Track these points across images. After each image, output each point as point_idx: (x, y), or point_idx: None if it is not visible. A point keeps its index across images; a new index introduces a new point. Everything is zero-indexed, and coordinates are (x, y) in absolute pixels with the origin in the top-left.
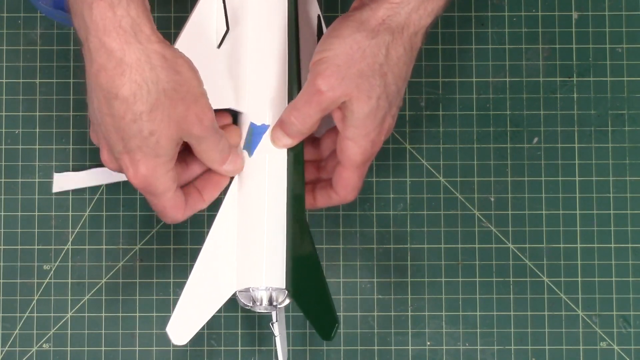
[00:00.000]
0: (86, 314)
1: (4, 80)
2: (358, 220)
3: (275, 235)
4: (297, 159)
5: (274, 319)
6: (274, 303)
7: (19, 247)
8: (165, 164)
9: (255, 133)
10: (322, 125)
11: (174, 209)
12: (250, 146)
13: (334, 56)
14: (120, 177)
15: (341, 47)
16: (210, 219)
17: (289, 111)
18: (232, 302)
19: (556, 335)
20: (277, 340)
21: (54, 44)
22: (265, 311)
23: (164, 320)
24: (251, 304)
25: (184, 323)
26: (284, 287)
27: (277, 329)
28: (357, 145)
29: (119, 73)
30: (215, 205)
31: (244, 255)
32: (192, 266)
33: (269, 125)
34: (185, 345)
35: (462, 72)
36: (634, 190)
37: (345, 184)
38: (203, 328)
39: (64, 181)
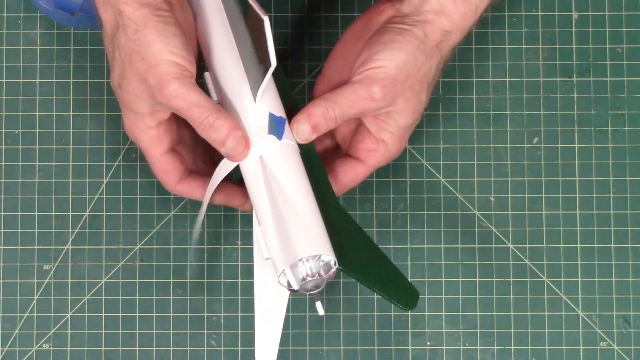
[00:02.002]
0: (86, 314)
1: (4, 80)
2: (358, 220)
3: (313, 211)
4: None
5: (317, 299)
6: (323, 275)
7: (19, 247)
8: (141, 120)
9: (277, 122)
10: None
11: (162, 172)
12: (277, 132)
13: (393, 68)
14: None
15: (403, 63)
16: (211, 219)
17: (326, 104)
18: (233, 302)
19: (556, 335)
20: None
21: (54, 44)
22: (314, 289)
23: (164, 320)
24: (300, 283)
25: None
26: (331, 254)
27: (322, 309)
28: (389, 150)
29: (102, 30)
30: (219, 206)
31: (284, 235)
32: (191, 266)
33: (285, 119)
34: (185, 345)
35: (462, 72)
36: (634, 190)
37: (353, 178)
38: (203, 327)
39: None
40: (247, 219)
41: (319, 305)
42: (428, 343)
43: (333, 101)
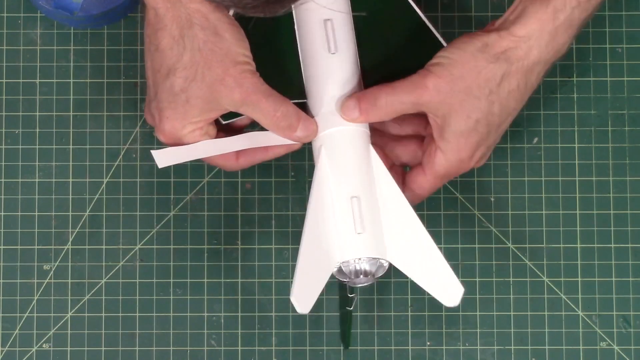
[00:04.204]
0: (86, 314)
1: (4, 80)
2: None
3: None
4: None
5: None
6: (375, 274)
7: (19, 247)
8: (191, 124)
9: None
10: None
11: (219, 158)
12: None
13: (450, 64)
14: (221, 150)
15: (460, 59)
16: (210, 218)
17: (381, 89)
18: (233, 302)
19: (556, 335)
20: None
21: (54, 44)
22: (362, 284)
23: (164, 320)
24: (350, 278)
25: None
26: (385, 257)
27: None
28: (445, 158)
29: (160, 27)
30: (218, 206)
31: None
32: (191, 266)
33: None
34: (185, 345)
35: None
36: (634, 190)
37: (415, 187)
38: (203, 327)
39: (166, 157)
40: (247, 219)
41: (353, 297)
42: (428, 343)
43: (390, 88)
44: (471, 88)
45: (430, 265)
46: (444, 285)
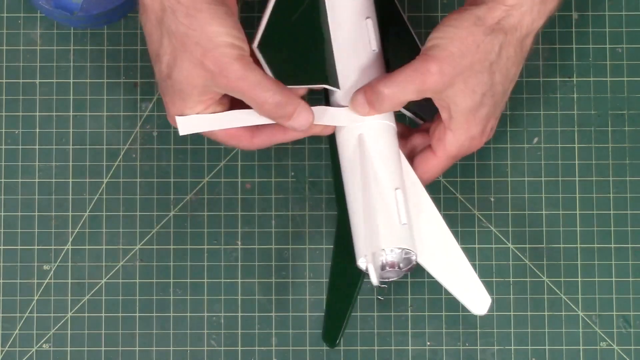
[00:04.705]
0: (86, 314)
1: (4, 80)
2: None
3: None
4: None
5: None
6: (402, 267)
7: (19, 247)
8: (193, 107)
9: None
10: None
11: (232, 139)
12: None
13: (449, 43)
14: (246, 122)
15: (457, 37)
16: (210, 218)
17: (382, 80)
18: (233, 302)
19: (556, 335)
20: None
21: (54, 44)
22: (390, 278)
23: (164, 320)
24: (385, 269)
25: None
26: (413, 249)
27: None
28: (455, 138)
29: (142, 12)
30: (218, 206)
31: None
32: (191, 266)
33: None
34: (185, 345)
35: None
36: (634, 190)
37: (427, 170)
38: (203, 328)
39: (189, 124)
40: (247, 219)
41: (377, 288)
42: (428, 343)
43: (391, 79)
44: (473, 64)
45: (458, 271)
46: (471, 293)
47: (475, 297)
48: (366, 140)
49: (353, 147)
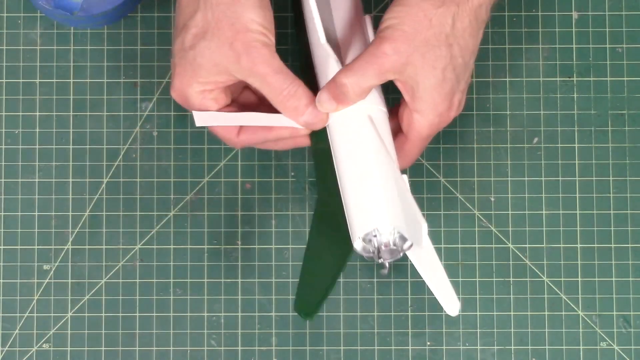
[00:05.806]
0: (86, 314)
1: (4, 80)
2: None
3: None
4: None
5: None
6: (399, 247)
7: (19, 247)
8: (199, 84)
9: None
10: None
11: (222, 130)
12: None
13: (400, 22)
14: (258, 122)
15: (408, 15)
16: (210, 218)
17: (342, 72)
18: (233, 302)
19: (556, 335)
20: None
21: (54, 44)
22: (389, 258)
23: (164, 320)
24: (374, 252)
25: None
26: (405, 228)
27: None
28: (424, 118)
29: None
30: (218, 206)
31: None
32: (191, 266)
33: None
34: (185, 345)
35: None
36: (634, 190)
37: (404, 155)
38: (203, 327)
39: (204, 118)
40: (247, 219)
41: (384, 272)
42: (428, 343)
43: (349, 69)
44: (428, 39)
45: (433, 268)
46: (445, 294)
47: (447, 298)
48: (375, 122)
49: (361, 127)
